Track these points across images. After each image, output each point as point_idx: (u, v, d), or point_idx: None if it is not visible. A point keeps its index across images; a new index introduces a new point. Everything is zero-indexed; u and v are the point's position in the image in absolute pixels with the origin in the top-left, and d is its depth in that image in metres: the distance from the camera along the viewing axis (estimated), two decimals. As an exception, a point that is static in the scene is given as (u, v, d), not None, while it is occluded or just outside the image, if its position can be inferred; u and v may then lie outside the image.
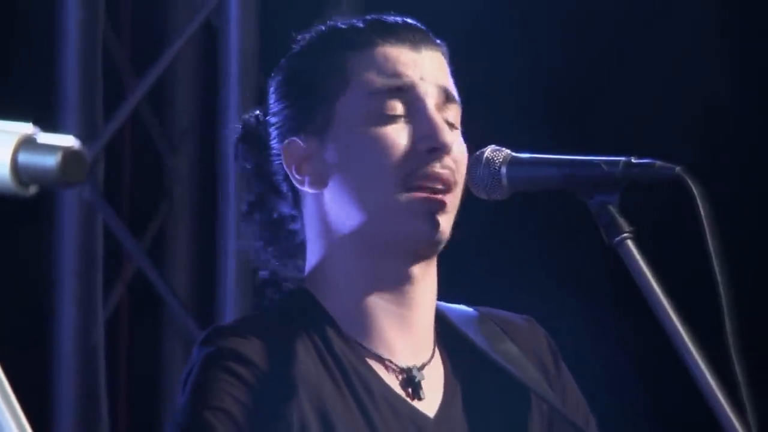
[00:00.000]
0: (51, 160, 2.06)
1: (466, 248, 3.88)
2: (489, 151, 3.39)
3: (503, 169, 3.40)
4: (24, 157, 2.06)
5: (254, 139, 3.58)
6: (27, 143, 2.06)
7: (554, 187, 3.47)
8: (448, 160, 3.42)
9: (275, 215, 3.58)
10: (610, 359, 6.00)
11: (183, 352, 6.03)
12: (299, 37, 3.59)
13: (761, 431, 3.44)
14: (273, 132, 3.54)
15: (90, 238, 5.56)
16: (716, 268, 3.28)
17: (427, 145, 3.40)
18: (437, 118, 3.44)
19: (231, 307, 5.45)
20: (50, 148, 2.06)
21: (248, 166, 3.57)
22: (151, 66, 5.57)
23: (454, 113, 3.51)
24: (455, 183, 3.41)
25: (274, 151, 3.53)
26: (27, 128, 2.07)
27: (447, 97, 3.50)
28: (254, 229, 3.60)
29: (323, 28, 3.58)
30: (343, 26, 3.59)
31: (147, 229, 5.80)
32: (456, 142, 3.44)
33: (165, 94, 5.83)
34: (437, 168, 3.41)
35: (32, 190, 2.08)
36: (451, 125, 3.48)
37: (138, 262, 5.67)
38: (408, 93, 3.46)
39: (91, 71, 5.52)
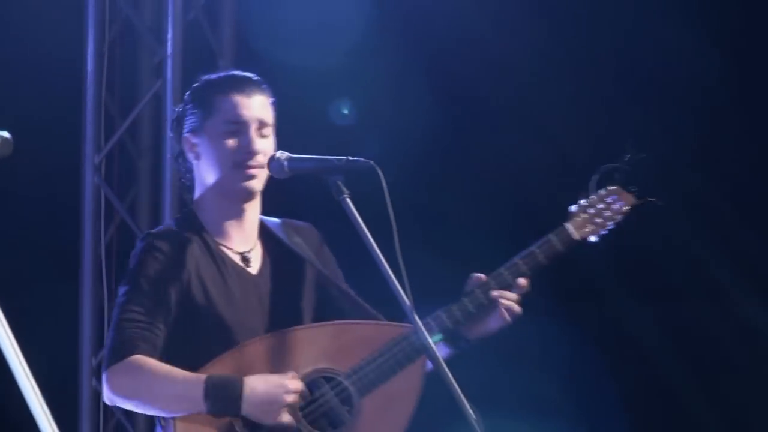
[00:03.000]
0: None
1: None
2: (278, 153, 3.22)
3: (285, 162, 3.20)
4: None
5: (175, 134, 3.37)
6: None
7: (312, 172, 3.20)
8: (259, 156, 3.24)
9: (182, 168, 3.33)
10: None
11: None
12: (194, 84, 3.41)
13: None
14: (183, 132, 3.33)
15: (98, 202, 5.39)
16: (393, 220, 2.98)
17: (247, 149, 3.23)
18: (253, 136, 3.26)
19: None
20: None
21: (176, 147, 3.36)
22: (129, 113, 5.46)
23: (267, 130, 3.28)
24: (262, 166, 3.25)
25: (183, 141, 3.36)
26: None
27: (262, 124, 3.27)
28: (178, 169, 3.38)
29: (205, 79, 3.38)
30: (214, 78, 3.38)
31: (127, 198, 5.61)
32: (266, 146, 3.28)
33: (137, 128, 5.61)
34: (251, 160, 3.23)
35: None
36: (265, 137, 3.28)
37: (122, 216, 5.54)
38: (242, 123, 3.26)
39: (98, 116, 5.36)
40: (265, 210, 3.52)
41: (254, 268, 3.32)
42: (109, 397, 3.16)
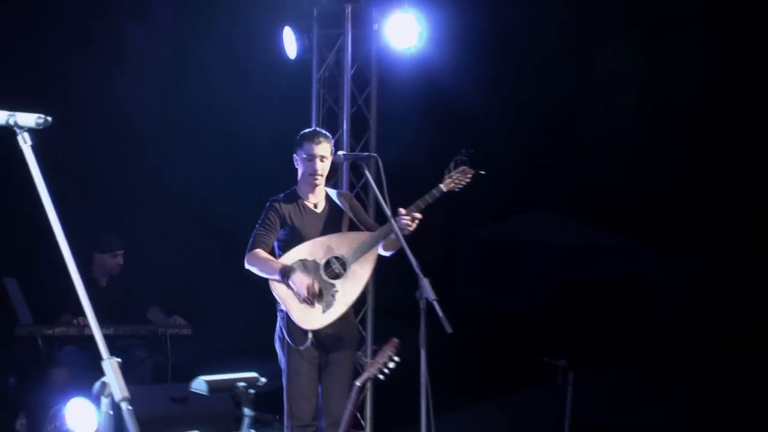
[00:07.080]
0: (41, 119, 2.58)
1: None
2: (339, 152, 5.03)
3: (342, 156, 5.01)
4: (38, 120, 2.60)
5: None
6: (39, 118, 2.57)
7: (354, 160, 5.22)
8: (318, 171, 5.03)
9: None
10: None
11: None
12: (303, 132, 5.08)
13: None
14: (294, 153, 5.07)
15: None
16: (384, 182, 4.45)
17: (314, 170, 5.00)
18: (317, 162, 5.01)
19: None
20: (42, 118, 2.56)
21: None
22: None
23: (324, 159, 5.02)
24: (322, 175, 5.05)
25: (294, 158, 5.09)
26: (38, 115, 2.56)
27: (322, 157, 5.01)
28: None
29: (303, 132, 5.08)
30: (307, 132, 5.08)
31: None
32: (324, 166, 5.03)
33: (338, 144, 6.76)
34: (315, 174, 5.01)
35: (40, 126, 2.54)
36: (323, 161, 5.03)
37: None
38: (312, 156, 5.00)
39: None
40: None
41: (319, 209, 5.05)
42: (246, 266, 4.90)
